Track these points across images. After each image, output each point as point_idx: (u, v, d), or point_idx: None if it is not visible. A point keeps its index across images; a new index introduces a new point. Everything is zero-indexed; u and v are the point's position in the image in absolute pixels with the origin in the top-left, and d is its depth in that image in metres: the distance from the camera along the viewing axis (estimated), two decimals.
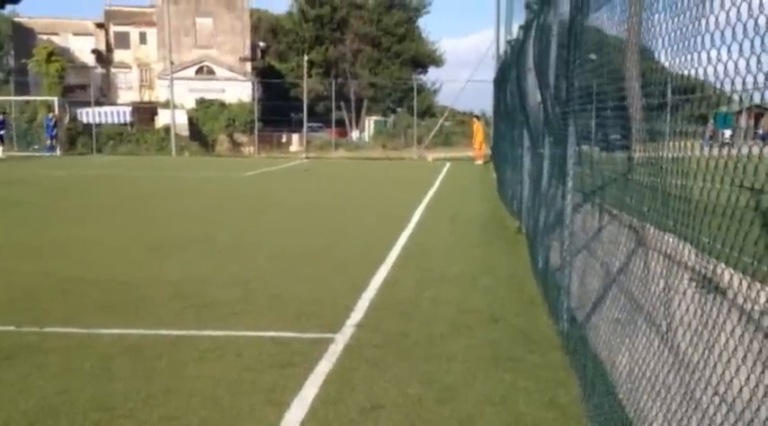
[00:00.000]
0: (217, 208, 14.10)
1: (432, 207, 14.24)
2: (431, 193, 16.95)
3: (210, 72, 51.81)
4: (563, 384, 4.48)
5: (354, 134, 51.60)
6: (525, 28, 9.39)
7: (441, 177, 22.52)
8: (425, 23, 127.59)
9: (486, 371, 4.70)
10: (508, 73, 13.47)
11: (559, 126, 5.67)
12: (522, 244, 9.41)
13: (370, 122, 51.79)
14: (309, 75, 46.65)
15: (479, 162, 29.08)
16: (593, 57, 4.48)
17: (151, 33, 54.01)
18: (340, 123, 50.71)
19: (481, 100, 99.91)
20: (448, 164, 29.38)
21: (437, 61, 60.56)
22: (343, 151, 40.02)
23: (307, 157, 36.07)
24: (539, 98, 7.38)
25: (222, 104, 44.58)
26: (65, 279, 7.28)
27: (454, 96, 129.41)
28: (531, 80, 8.23)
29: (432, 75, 58.86)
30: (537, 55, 7.37)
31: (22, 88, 47.76)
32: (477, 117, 33.11)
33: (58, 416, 3.91)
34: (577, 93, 4.79)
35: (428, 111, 52.11)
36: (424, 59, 59.16)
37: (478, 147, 30.19)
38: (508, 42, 14.66)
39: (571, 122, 4.97)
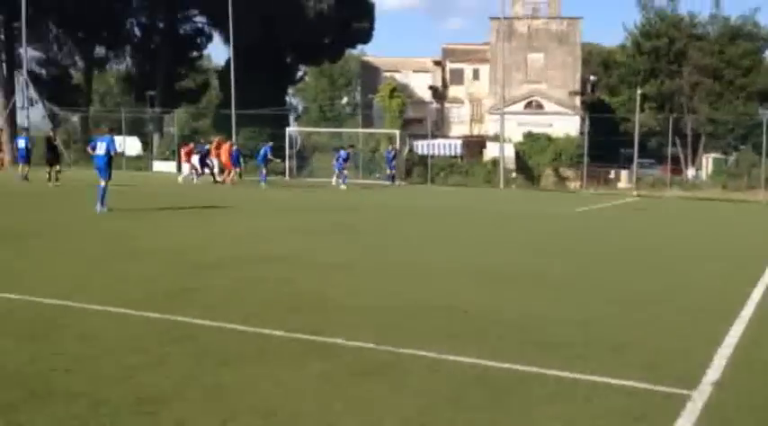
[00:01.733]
0: (546, 243, 14.09)
1: None
2: None
3: (539, 106, 52.31)
4: None
5: (690, 172, 48.60)
6: None
7: None
8: None
9: None
10: None
11: None
12: None
13: (707, 160, 48.48)
14: (642, 109, 44.96)
15: None
16: None
17: (484, 69, 56.09)
18: (674, 160, 48.10)
19: None
20: None
21: None
22: (677, 190, 37.82)
23: (637, 195, 34.70)
24: None
25: (549, 138, 44.70)
26: (411, 303, 7.73)
27: None
28: None
29: None
30: None
31: (367, 121, 52.33)
32: None
33: None
34: None
35: None
36: None
37: None
38: None
39: None
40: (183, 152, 32.92)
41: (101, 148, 16.22)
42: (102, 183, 16.05)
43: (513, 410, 4.60)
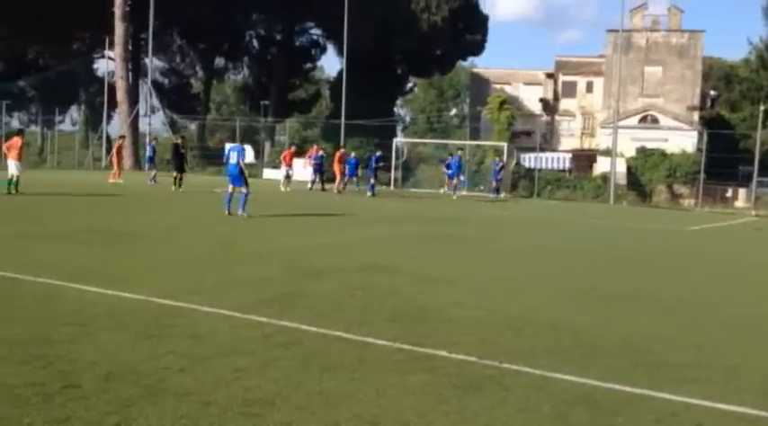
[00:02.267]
0: (656, 262, 13.63)
1: None
2: None
3: (654, 121, 50.75)
4: None
5: None
6: None
7: None
8: None
9: None
10: None
11: None
12: None
13: None
14: (764, 126, 42.90)
15: None
16: None
17: (598, 82, 54.92)
18: None
19: None
20: None
21: None
22: None
23: (756, 215, 33.07)
24: None
25: (663, 154, 43.22)
26: (512, 318, 7.62)
27: None
28: None
29: None
30: None
31: (474, 133, 52.15)
32: None
33: None
34: None
35: None
36: None
37: None
38: None
39: None
40: (283, 156, 33.16)
41: (232, 158, 17.01)
42: (230, 191, 17.01)
43: None
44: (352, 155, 32.73)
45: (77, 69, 54.45)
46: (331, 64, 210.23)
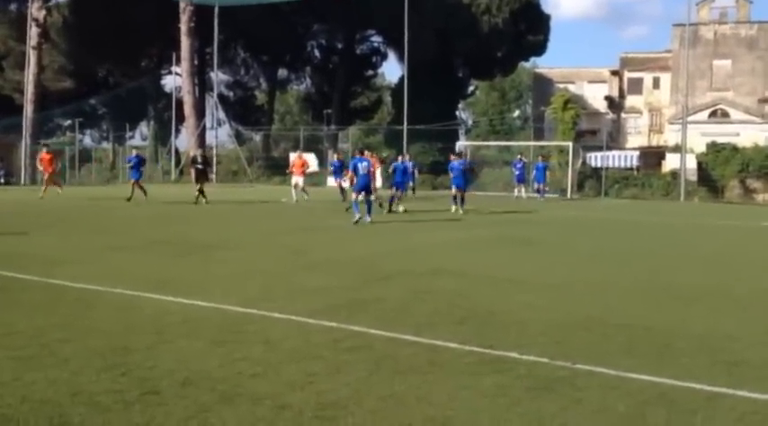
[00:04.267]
0: (730, 259, 13.24)
1: None
2: None
3: (725, 115, 49.36)
4: None
5: None
6: None
7: None
8: None
9: None
10: None
11: None
12: None
13: None
14: None
15: None
16: None
17: (665, 78, 53.73)
18: None
19: None
20: None
21: None
22: None
23: None
24: None
25: (735, 148, 41.97)
26: (585, 319, 7.51)
27: None
28: None
29: None
30: None
31: (538, 133, 51.60)
32: None
33: None
34: None
35: None
36: None
37: None
38: None
39: None
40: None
41: (363, 169, 18.37)
42: (362, 197, 18.19)
43: None
44: (407, 158, 32.08)
45: (146, 85, 55.99)
46: (392, 70, 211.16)
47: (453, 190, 23.65)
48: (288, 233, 16.00)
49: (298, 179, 26.98)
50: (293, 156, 31.60)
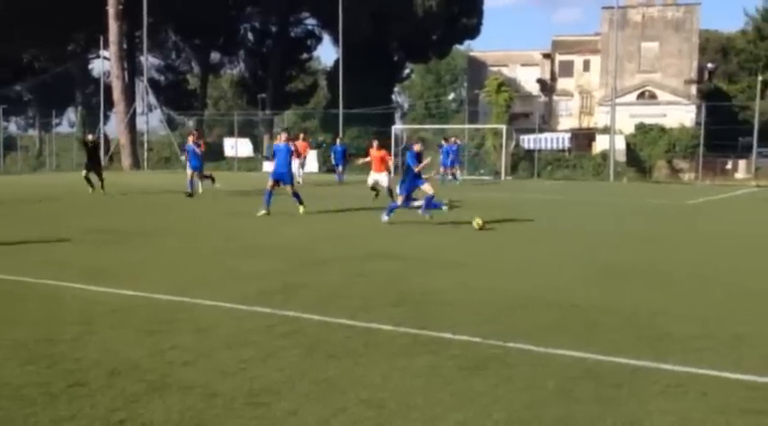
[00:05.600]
0: (656, 237, 13.62)
1: None
2: None
3: (652, 96, 50.59)
4: None
5: None
6: None
7: None
8: None
9: None
10: None
11: None
12: None
13: None
14: (762, 97, 42.79)
15: None
16: None
17: (595, 60, 54.73)
18: None
19: None
20: None
21: None
22: None
23: (756, 185, 33.04)
24: None
25: (662, 129, 43.12)
26: (517, 298, 7.63)
27: None
28: None
29: None
30: None
31: (473, 117, 52.03)
32: None
33: None
34: None
35: None
36: None
37: None
38: None
39: None
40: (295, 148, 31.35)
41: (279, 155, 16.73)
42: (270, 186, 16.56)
43: (624, 404, 4.47)
44: (337, 142, 32.41)
45: (73, 71, 54.36)
46: (327, 53, 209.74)
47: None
48: (221, 219, 15.79)
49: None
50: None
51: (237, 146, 45.13)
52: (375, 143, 20.79)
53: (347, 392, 4.66)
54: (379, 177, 20.01)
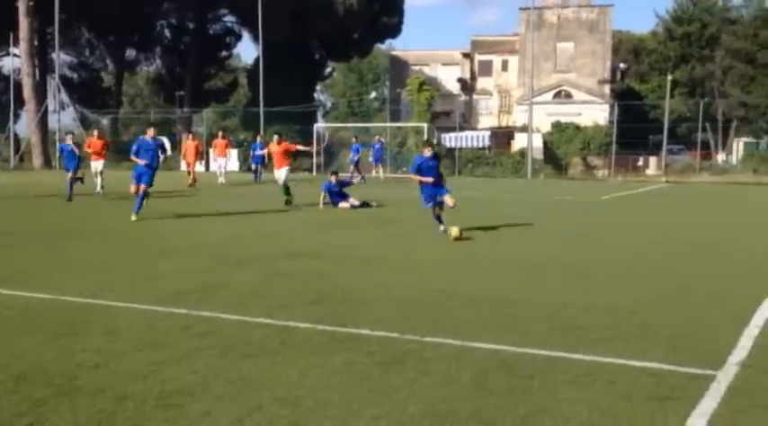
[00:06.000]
0: (572, 232, 13.98)
1: None
2: None
3: (568, 96, 51.86)
4: None
5: (720, 157, 47.95)
6: None
7: None
8: None
9: None
10: None
11: None
12: None
13: (738, 144, 47.77)
14: (672, 96, 44.42)
15: None
16: None
17: (513, 60, 55.71)
18: (704, 145, 47.49)
19: None
20: None
21: None
22: (707, 175, 37.35)
23: (666, 181, 34.30)
24: None
25: (577, 127, 44.33)
26: (434, 293, 7.72)
27: None
28: None
29: None
30: None
31: (395, 115, 52.29)
32: None
33: (443, 424, 4.12)
34: None
35: None
36: None
37: None
38: None
39: None
40: (217, 147, 29.69)
41: (146, 153, 15.01)
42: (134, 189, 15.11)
43: (536, 394, 4.58)
44: (258, 140, 31.85)
45: None
46: (247, 51, 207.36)
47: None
48: (136, 220, 15.41)
49: (97, 164, 22.36)
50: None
51: None
52: (275, 137, 19.04)
53: (262, 391, 4.62)
54: (279, 174, 18.55)
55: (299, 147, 20.65)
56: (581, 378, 4.91)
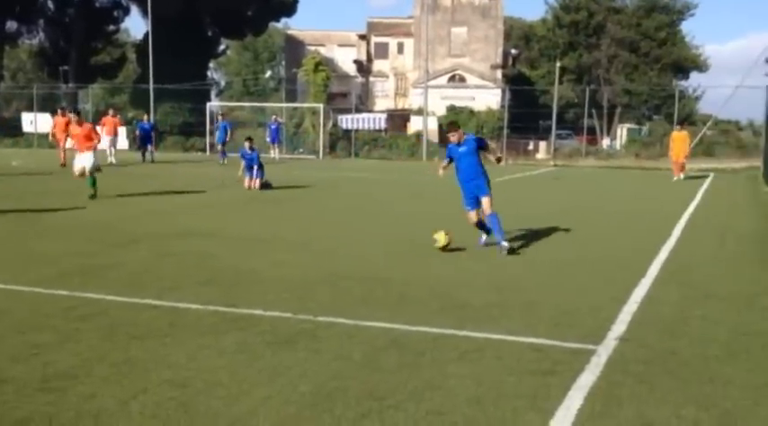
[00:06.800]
0: (457, 215, 14.25)
1: (694, 221, 13.34)
2: (692, 206, 15.90)
3: (462, 80, 52.74)
4: None
5: (605, 142, 49.94)
6: None
7: (703, 189, 21.05)
8: (689, 27, 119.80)
9: None
10: None
11: None
12: None
13: (622, 130, 49.86)
14: (560, 82, 45.84)
15: (676, 177, 25.21)
16: None
17: (408, 43, 56.14)
18: (590, 131, 49.34)
19: (747, 107, 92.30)
20: (711, 176, 27.41)
21: (701, 66, 56.91)
22: (593, 160, 38.82)
23: (555, 165, 35.47)
24: None
25: (471, 111, 45.12)
26: (328, 274, 7.74)
27: (715, 104, 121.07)
28: None
29: (692, 82, 55.37)
30: None
31: (291, 95, 51.82)
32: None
33: (333, 401, 4.15)
34: None
35: (687, 119, 49.05)
36: (687, 64, 55.87)
37: (675, 159, 25.85)
38: None
39: None
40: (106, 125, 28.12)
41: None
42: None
43: (425, 370, 4.68)
44: (144, 119, 31.08)
45: None
46: (137, 26, 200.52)
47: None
48: (17, 198, 14.70)
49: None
50: None
51: (37, 122, 42.12)
52: (72, 116, 15.46)
53: (150, 372, 4.53)
54: (84, 160, 14.77)
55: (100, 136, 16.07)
56: (469, 354, 5.04)
